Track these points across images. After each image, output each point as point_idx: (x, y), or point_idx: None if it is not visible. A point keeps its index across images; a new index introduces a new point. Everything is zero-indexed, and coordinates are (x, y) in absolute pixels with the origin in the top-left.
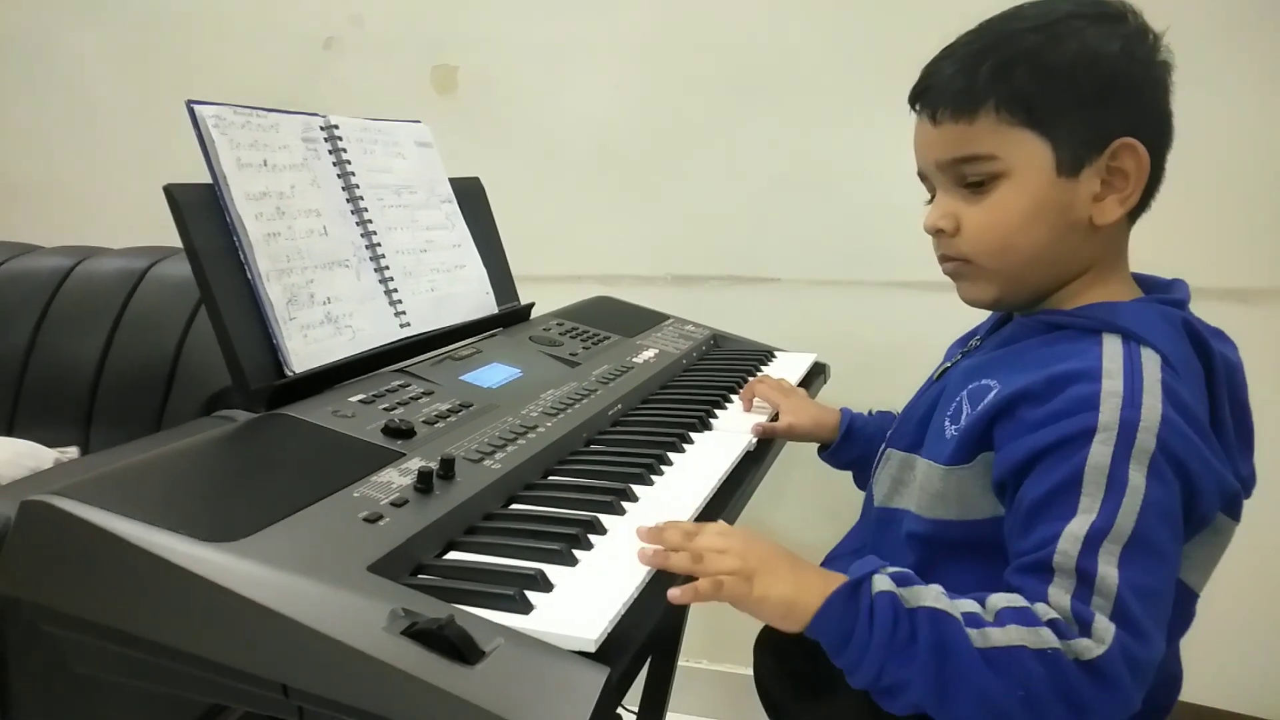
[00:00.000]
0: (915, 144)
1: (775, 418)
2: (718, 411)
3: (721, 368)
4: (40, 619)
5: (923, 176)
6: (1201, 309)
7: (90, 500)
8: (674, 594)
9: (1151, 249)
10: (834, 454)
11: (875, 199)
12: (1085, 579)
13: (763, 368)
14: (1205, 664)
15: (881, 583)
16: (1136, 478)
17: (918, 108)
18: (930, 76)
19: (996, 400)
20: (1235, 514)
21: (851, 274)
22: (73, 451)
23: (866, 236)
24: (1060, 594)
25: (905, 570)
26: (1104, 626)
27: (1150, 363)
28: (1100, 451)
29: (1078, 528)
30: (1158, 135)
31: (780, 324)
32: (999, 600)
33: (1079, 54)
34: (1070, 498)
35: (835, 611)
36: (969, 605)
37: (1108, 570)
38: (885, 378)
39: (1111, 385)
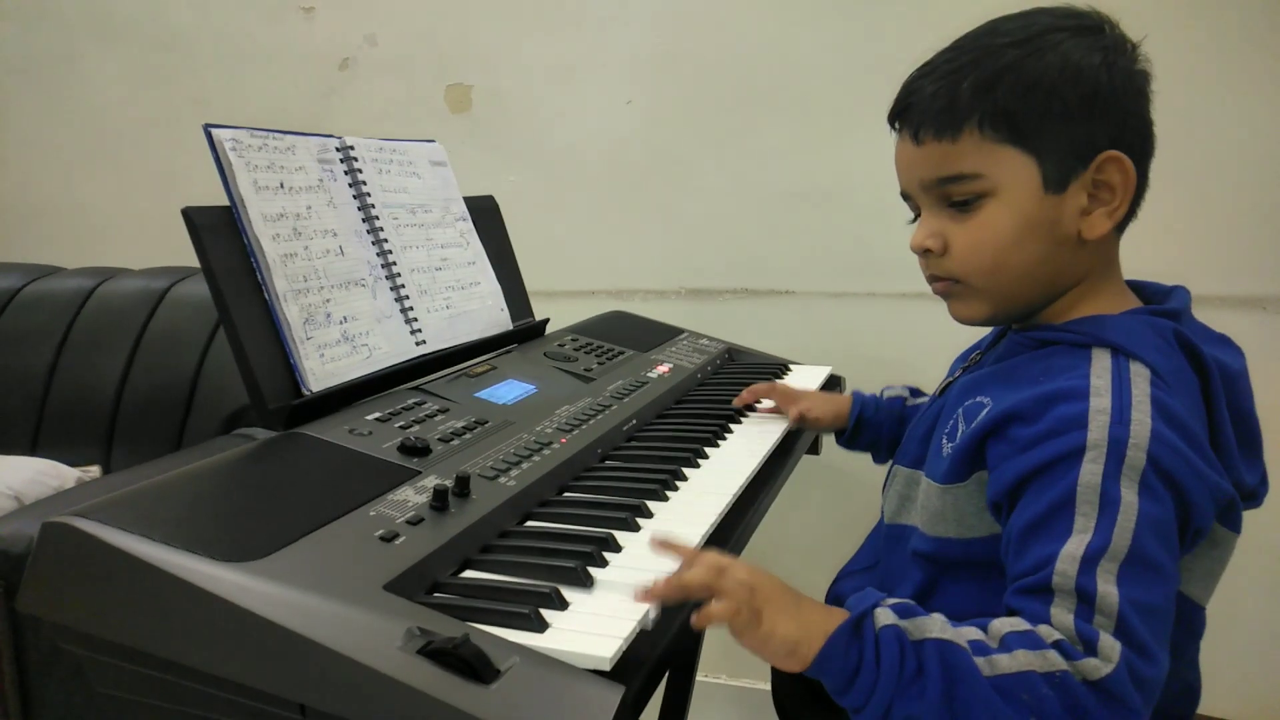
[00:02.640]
0: (897, 163)
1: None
2: (733, 426)
3: (736, 382)
4: (62, 639)
5: (906, 196)
6: (1220, 316)
7: (110, 521)
8: (695, 619)
9: (1169, 257)
10: (849, 440)
11: (888, 210)
12: (1086, 598)
13: (778, 381)
14: (1225, 676)
15: (884, 617)
16: (1129, 495)
17: (898, 127)
18: (910, 95)
19: (988, 418)
20: (1234, 525)
21: (865, 286)
22: (95, 470)
23: (880, 248)
24: (1063, 614)
25: (907, 601)
26: (1110, 645)
27: (1139, 377)
28: (1091, 470)
29: (1074, 548)
30: (1141, 145)
31: (795, 337)
32: (1003, 626)
33: (1061, 68)
34: (1064, 518)
35: (839, 651)
36: (973, 633)
37: (1107, 589)
38: None
39: (1099, 403)
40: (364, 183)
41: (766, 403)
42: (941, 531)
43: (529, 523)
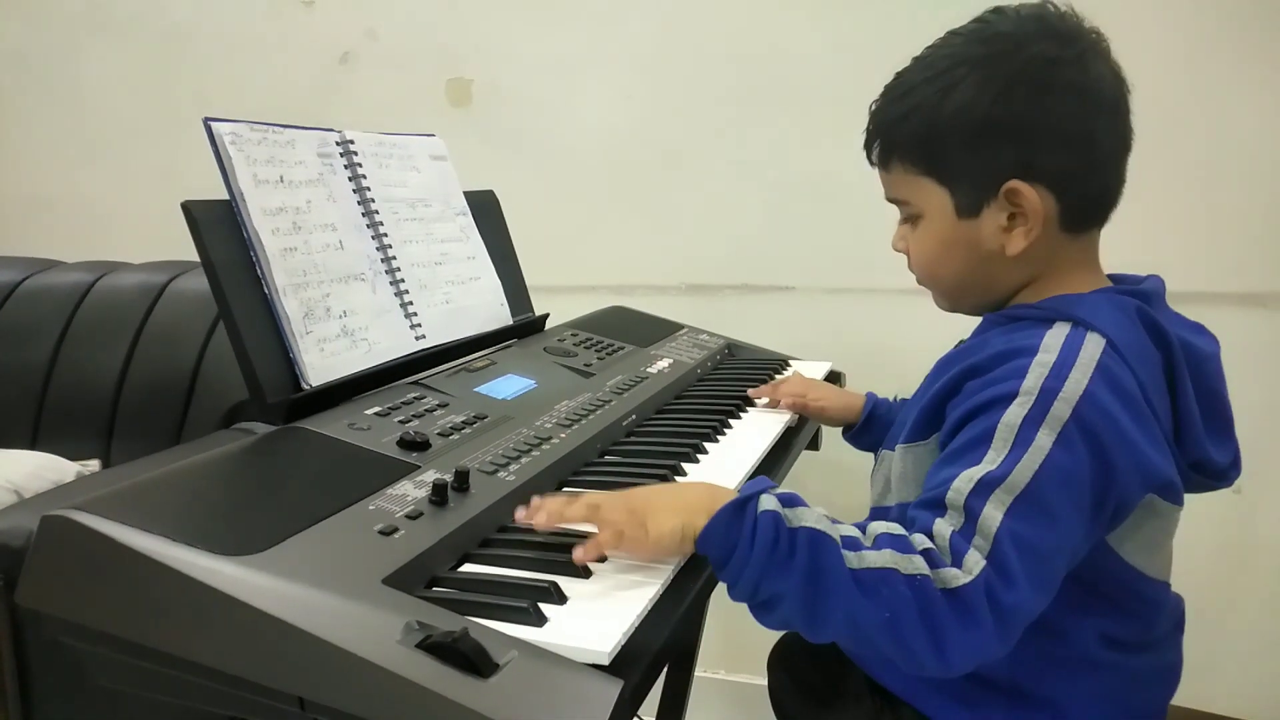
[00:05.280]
0: None
1: (797, 422)
2: (732, 421)
3: (736, 377)
4: (61, 632)
5: None
6: (1220, 313)
7: (109, 515)
8: (578, 554)
9: (1168, 253)
10: (856, 436)
11: (888, 207)
12: (970, 517)
13: (777, 377)
14: (1228, 673)
15: (767, 502)
16: (1044, 440)
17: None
18: (869, 123)
19: (950, 378)
20: (1174, 499)
21: (866, 282)
22: (94, 464)
23: (881, 244)
24: (944, 526)
25: (793, 493)
26: (974, 560)
27: (1092, 344)
28: (1014, 413)
29: (975, 472)
30: (1065, 163)
31: (795, 332)
32: (879, 527)
33: (958, 106)
34: (979, 449)
35: (720, 528)
36: (849, 530)
37: (993, 513)
38: (900, 385)
39: (1044, 358)
40: (364, 177)
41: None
42: (905, 495)
43: None
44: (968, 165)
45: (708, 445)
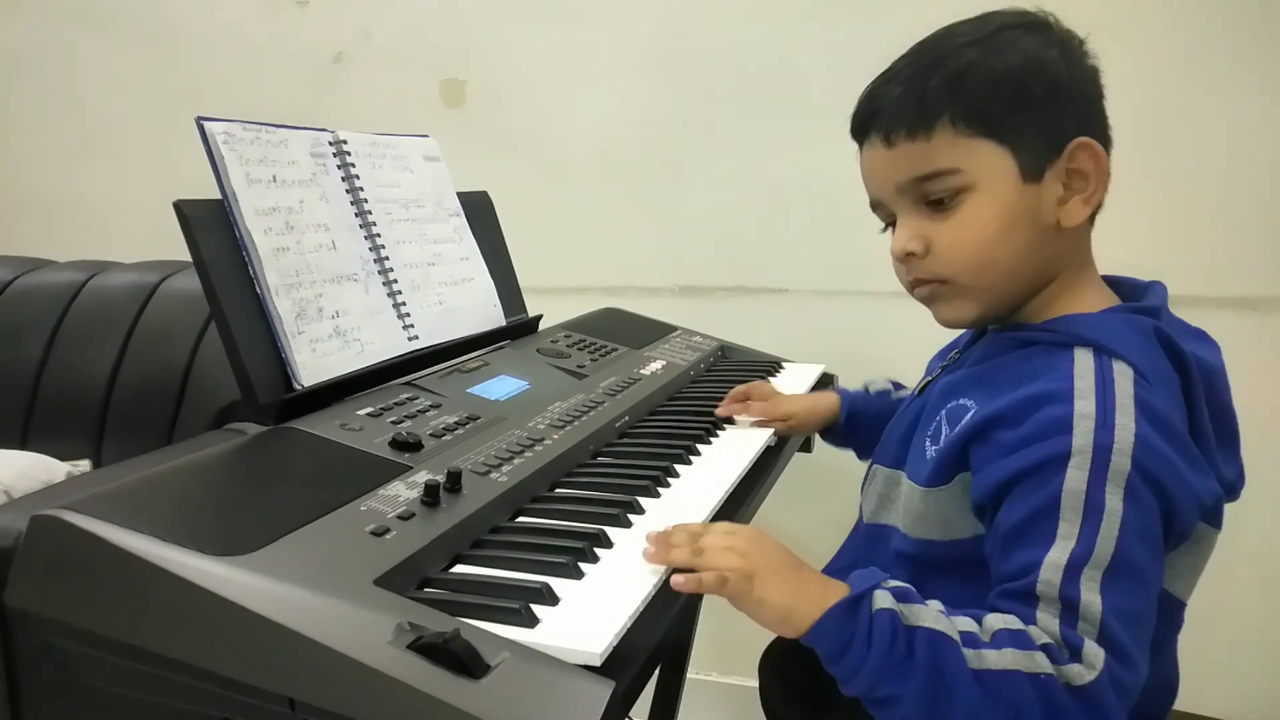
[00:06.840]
0: (866, 173)
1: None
2: (725, 423)
3: (729, 379)
4: (50, 632)
5: (876, 206)
6: (1212, 317)
7: (99, 515)
8: (676, 580)
9: (1160, 257)
10: (841, 437)
11: None
12: (1070, 606)
13: (770, 379)
14: (1216, 675)
15: (882, 599)
16: (1113, 501)
17: (870, 133)
18: (876, 100)
19: (972, 423)
20: (1216, 522)
21: (860, 284)
22: (85, 464)
23: (874, 247)
24: (1049, 619)
25: (906, 586)
26: (1094, 652)
27: (1122, 378)
28: (1075, 477)
29: (1058, 556)
30: (1104, 135)
31: (788, 335)
32: (996, 621)
33: (1024, 61)
34: (1049, 524)
35: (832, 625)
36: (967, 624)
37: (1091, 598)
38: None
39: (1084, 407)
40: (357, 177)
41: (747, 418)
42: (924, 533)
43: (520, 518)
44: (1035, 122)
45: (701, 447)
